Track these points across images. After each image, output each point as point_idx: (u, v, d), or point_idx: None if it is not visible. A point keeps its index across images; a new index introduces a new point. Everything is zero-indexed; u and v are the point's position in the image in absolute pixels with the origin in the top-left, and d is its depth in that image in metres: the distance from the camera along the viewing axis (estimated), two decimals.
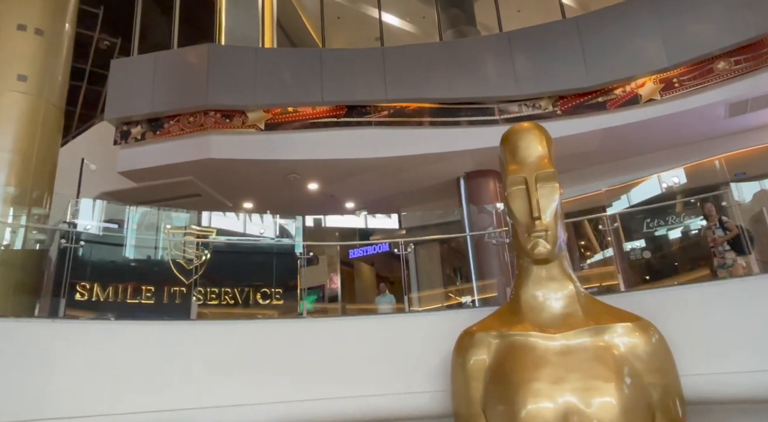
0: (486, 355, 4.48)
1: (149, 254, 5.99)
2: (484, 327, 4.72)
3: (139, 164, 9.45)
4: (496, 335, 4.53)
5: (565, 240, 4.75)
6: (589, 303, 4.59)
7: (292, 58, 9.81)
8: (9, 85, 5.97)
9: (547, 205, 4.66)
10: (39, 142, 6.04)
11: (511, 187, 4.95)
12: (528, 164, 4.99)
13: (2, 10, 6.16)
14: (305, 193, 10.89)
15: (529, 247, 4.59)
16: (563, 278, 4.61)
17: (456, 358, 4.61)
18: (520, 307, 4.65)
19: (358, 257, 13.03)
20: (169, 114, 9.41)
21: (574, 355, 4.19)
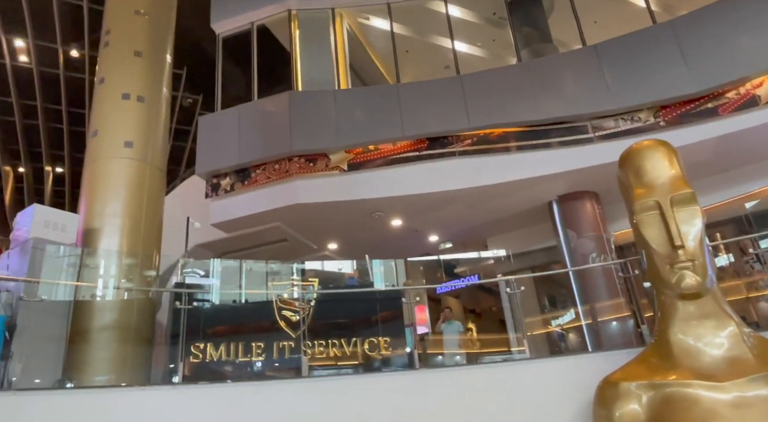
0: (637, 408, 3.91)
1: (256, 310, 5.92)
2: (629, 375, 4.14)
3: (230, 215, 9.68)
4: (647, 386, 3.96)
5: (715, 270, 4.15)
6: (759, 344, 3.93)
7: (369, 96, 9.80)
8: (117, 152, 6.24)
9: (689, 230, 4.10)
10: (146, 205, 6.23)
11: (641, 212, 4.43)
12: (659, 186, 4.46)
13: (109, 82, 6.52)
14: (389, 230, 10.69)
15: (674, 281, 4.03)
16: (721, 315, 3.99)
17: (599, 411, 4.06)
18: (671, 351, 4.05)
19: (445, 292, 12.59)
20: (256, 163, 9.62)
21: (752, 409, 3.56)
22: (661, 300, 4.23)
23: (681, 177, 4.46)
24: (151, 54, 6.83)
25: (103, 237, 5.88)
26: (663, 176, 4.49)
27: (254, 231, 10.16)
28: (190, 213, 10.03)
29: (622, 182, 4.99)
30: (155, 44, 6.95)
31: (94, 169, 6.27)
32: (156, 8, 7.08)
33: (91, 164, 6.30)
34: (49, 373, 4.96)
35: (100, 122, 6.41)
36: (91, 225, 5.90)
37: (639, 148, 4.83)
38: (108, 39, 6.79)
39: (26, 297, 4.53)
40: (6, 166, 16.18)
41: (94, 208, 6.03)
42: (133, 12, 6.87)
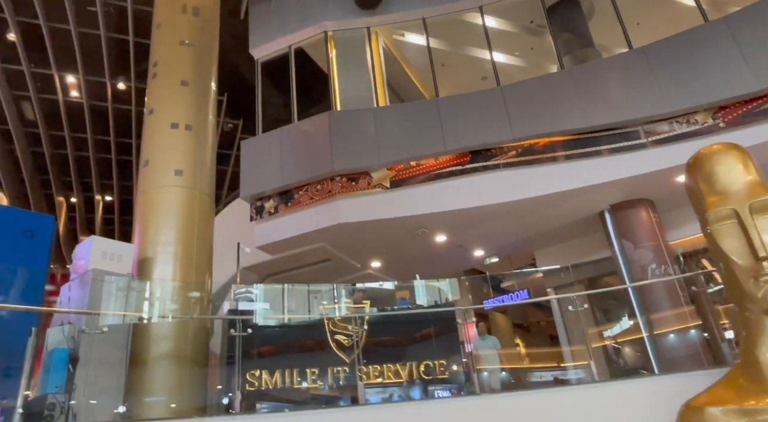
0: None
1: (309, 334, 5.83)
2: (716, 399, 3.82)
3: (274, 237, 9.71)
4: (737, 411, 3.63)
5: None
6: None
7: (409, 112, 9.72)
8: (168, 180, 6.35)
9: None
10: (197, 232, 6.29)
11: (717, 222, 4.12)
12: (734, 193, 4.16)
13: (158, 112, 6.67)
14: (433, 246, 10.50)
15: (760, 295, 3.73)
16: None
17: None
18: (762, 372, 3.71)
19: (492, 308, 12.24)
20: (298, 184, 9.65)
21: None
22: (746, 317, 3.91)
23: (759, 182, 4.15)
24: (196, 83, 6.97)
25: (157, 266, 5.95)
26: (738, 182, 4.19)
27: (298, 252, 10.16)
28: (236, 237, 10.11)
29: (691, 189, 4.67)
30: (200, 73, 7.09)
31: (146, 198, 6.39)
32: (200, 38, 7.23)
33: (144, 193, 6.42)
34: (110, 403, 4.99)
35: (151, 152, 6.55)
36: (146, 255, 5.99)
37: (709, 153, 4.52)
38: (155, 71, 6.97)
39: (88, 330, 4.57)
40: (60, 197, 16.89)
41: (147, 236, 6.12)
42: (179, 43, 7.04)
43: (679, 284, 8.32)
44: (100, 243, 5.43)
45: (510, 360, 13.28)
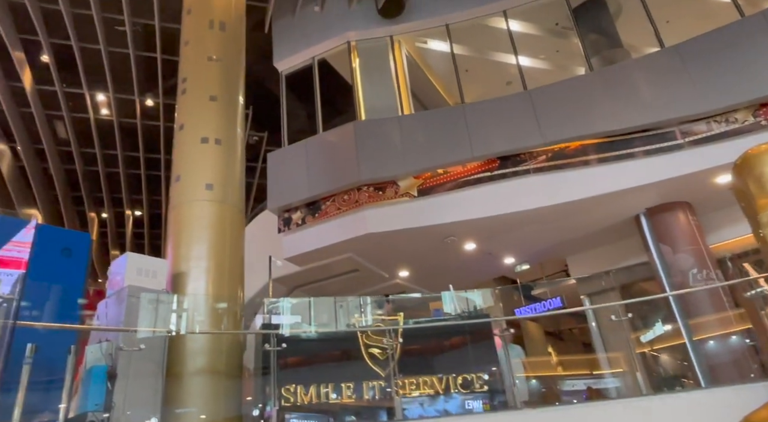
0: None
1: (343, 348, 5.74)
2: None
3: (302, 248, 9.70)
4: None
5: None
6: None
7: (435, 119, 9.63)
8: (199, 195, 6.37)
9: None
10: (229, 246, 6.29)
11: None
12: None
13: (188, 128, 6.73)
14: (462, 254, 10.34)
15: None
16: None
17: None
18: None
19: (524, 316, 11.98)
20: (325, 195, 9.63)
21: None
22: None
23: None
24: (225, 97, 7.01)
25: (190, 281, 5.96)
26: None
27: (326, 263, 10.12)
28: (263, 249, 10.13)
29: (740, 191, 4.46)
30: (228, 88, 7.13)
31: (178, 213, 6.43)
32: (227, 53, 7.29)
33: (175, 208, 6.46)
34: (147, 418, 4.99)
35: (182, 167, 6.60)
36: (179, 270, 6.00)
37: (758, 153, 4.31)
38: (185, 87, 7.04)
39: (125, 347, 4.58)
40: (91, 213, 17.29)
41: (180, 252, 6.14)
42: (207, 59, 7.11)
43: (722, 288, 7.99)
44: (135, 259, 5.47)
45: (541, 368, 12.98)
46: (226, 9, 7.49)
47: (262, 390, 5.33)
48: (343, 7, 10.84)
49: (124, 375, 4.70)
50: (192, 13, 7.45)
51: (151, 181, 15.92)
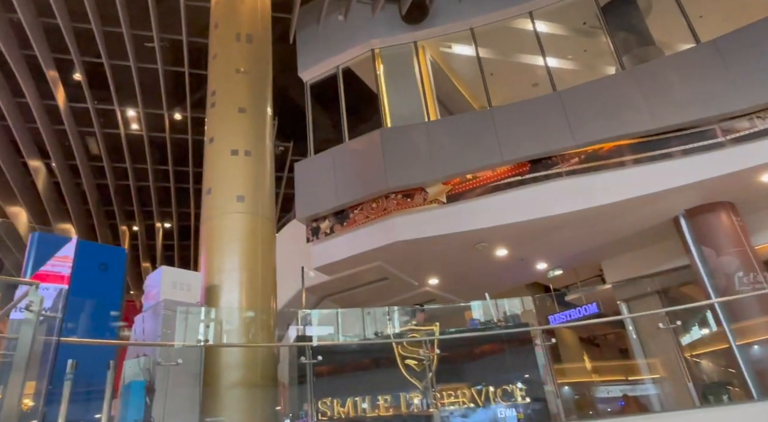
0: None
1: (378, 360, 5.64)
2: None
3: (331, 257, 9.65)
4: None
5: None
6: None
7: (462, 124, 9.50)
8: (231, 207, 6.38)
9: None
10: (261, 257, 6.27)
11: None
12: None
13: (218, 140, 6.76)
14: (493, 261, 10.14)
15: None
16: None
17: None
18: None
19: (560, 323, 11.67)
20: (353, 204, 9.58)
21: None
22: None
23: None
24: (253, 109, 7.04)
25: (223, 294, 5.95)
26: None
27: (355, 272, 10.06)
28: (292, 259, 10.13)
29: None
30: (256, 99, 7.16)
31: (210, 225, 6.45)
32: (254, 65, 7.33)
33: (208, 221, 6.48)
34: None
35: (213, 179, 6.63)
36: (212, 282, 6.00)
37: None
38: (214, 100, 7.09)
39: (163, 362, 4.57)
40: (123, 226, 17.62)
41: (213, 264, 6.15)
42: (235, 71, 7.15)
43: None
44: (170, 273, 5.49)
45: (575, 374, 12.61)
46: (253, 22, 7.54)
47: (298, 403, 5.26)
48: (366, 15, 10.83)
49: (162, 389, 4.69)
50: (219, 26, 7.53)
51: (180, 193, 16.15)
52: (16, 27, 9.77)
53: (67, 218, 16.59)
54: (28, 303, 2.93)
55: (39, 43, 9.90)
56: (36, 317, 3.01)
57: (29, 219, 15.91)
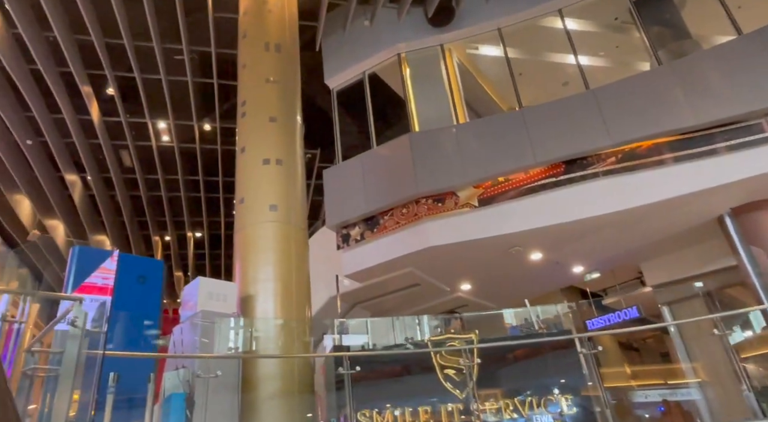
0: None
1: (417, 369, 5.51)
2: None
3: (362, 264, 9.57)
4: None
5: None
6: None
7: (493, 126, 9.33)
8: (264, 216, 6.37)
9: None
10: (295, 267, 6.23)
11: None
12: None
13: (249, 150, 6.77)
14: (527, 265, 9.90)
15: None
16: None
17: None
18: None
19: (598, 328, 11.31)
20: (383, 210, 9.49)
21: None
22: None
23: None
24: (284, 118, 7.03)
25: (258, 304, 5.92)
26: None
27: (386, 278, 9.96)
28: (322, 267, 10.10)
29: None
30: (287, 108, 7.16)
31: (243, 235, 6.45)
32: (283, 74, 7.34)
33: (241, 231, 6.48)
34: None
35: (246, 189, 6.63)
36: (247, 292, 5.99)
37: None
38: (244, 110, 7.12)
39: (202, 374, 4.54)
40: (155, 237, 17.97)
41: (247, 274, 6.13)
42: (265, 81, 7.17)
43: None
44: (206, 284, 5.49)
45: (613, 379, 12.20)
46: (281, 31, 7.56)
47: (336, 413, 5.18)
48: (392, 20, 10.78)
49: (202, 401, 4.66)
50: (248, 37, 7.57)
51: (211, 203, 16.37)
52: (52, 45, 10.07)
53: (102, 230, 16.99)
54: (73, 319, 2.92)
55: (74, 60, 10.17)
56: (81, 333, 3.00)
57: (66, 232, 16.36)
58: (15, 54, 9.92)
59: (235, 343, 5.17)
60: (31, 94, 10.76)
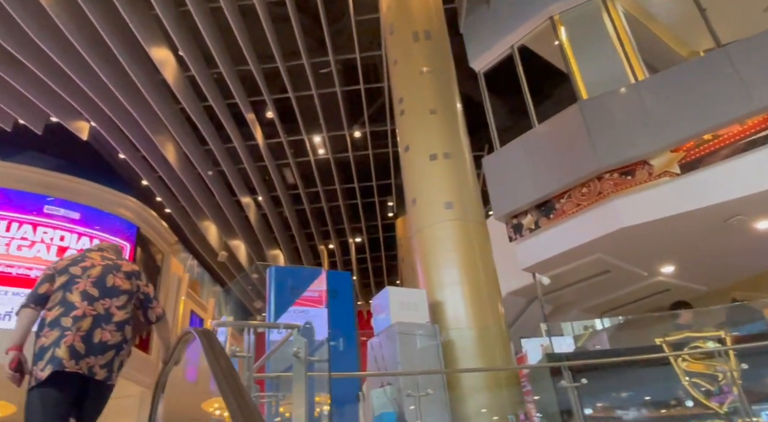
0: None
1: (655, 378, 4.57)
2: None
3: (540, 256, 8.67)
4: None
5: None
6: None
7: (686, 74, 7.76)
8: (440, 216, 5.96)
9: None
10: (481, 265, 5.71)
11: None
12: None
13: (414, 147, 6.43)
14: (752, 236, 8.05)
15: None
16: None
17: None
18: None
19: None
20: (557, 193, 8.50)
21: None
22: None
23: None
24: (444, 108, 6.57)
25: (448, 310, 5.50)
26: None
27: (569, 268, 8.93)
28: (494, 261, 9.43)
29: None
30: (445, 97, 6.68)
31: (421, 237, 6.10)
32: (436, 62, 6.88)
33: (418, 233, 6.14)
34: None
35: (417, 189, 6.28)
36: (435, 299, 5.61)
37: None
38: (402, 107, 6.80)
39: (410, 392, 4.21)
40: (321, 246, 19.00)
41: (432, 279, 5.76)
42: (418, 73, 6.77)
43: None
44: (396, 293, 5.22)
45: None
46: (428, 17, 7.11)
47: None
48: None
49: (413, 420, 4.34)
50: (395, 31, 7.25)
51: (367, 208, 16.74)
52: (218, 80, 10.99)
53: (275, 245, 18.45)
54: (296, 351, 2.72)
55: (238, 91, 10.98)
56: (304, 365, 2.79)
57: (247, 250, 18.07)
58: (191, 95, 11.03)
59: (438, 355, 4.79)
60: (207, 129, 11.90)
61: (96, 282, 2.76)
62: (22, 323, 2.62)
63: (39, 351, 2.55)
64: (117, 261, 2.95)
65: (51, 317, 2.63)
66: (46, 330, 2.60)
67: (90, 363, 2.55)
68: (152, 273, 15.10)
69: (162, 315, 3.07)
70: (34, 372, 2.51)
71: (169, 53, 9.97)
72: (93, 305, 2.68)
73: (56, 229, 12.28)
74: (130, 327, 2.82)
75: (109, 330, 2.68)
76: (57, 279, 2.74)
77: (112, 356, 2.66)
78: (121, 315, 2.76)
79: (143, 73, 9.90)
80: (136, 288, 2.94)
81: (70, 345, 2.52)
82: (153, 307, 3.01)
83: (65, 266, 2.80)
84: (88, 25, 8.50)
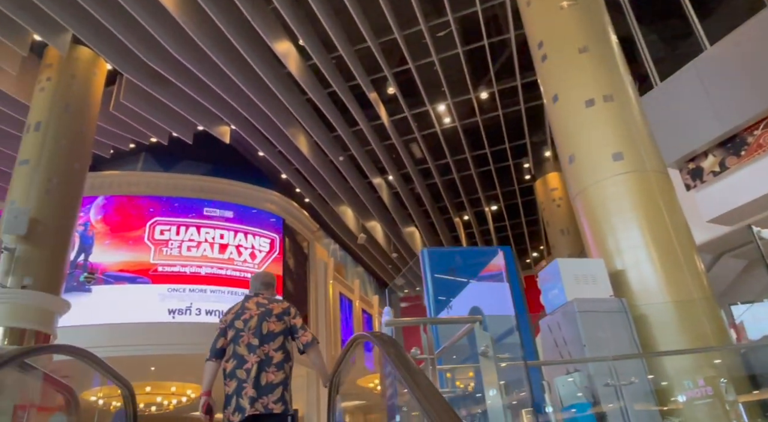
0: None
1: None
2: None
3: (731, 203, 7.20)
4: None
5: None
6: None
7: None
8: (607, 170, 5.06)
9: None
10: (670, 222, 4.73)
11: None
12: None
13: (564, 96, 5.55)
14: None
15: None
16: None
17: None
18: None
19: None
20: (749, 124, 6.93)
21: None
22: None
23: None
24: (596, 44, 5.56)
25: (632, 280, 4.66)
26: None
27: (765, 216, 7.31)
28: None
29: None
30: (596, 30, 5.66)
31: (585, 199, 5.26)
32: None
33: (581, 195, 5.32)
34: None
35: (573, 144, 5.43)
36: (614, 268, 4.78)
37: None
38: (543, 52, 5.91)
39: (609, 382, 3.55)
40: (456, 218, 18.48)
41: (606, 246, 4.94)
42: (558, 9, 5.81)
43: None
44: (567, 265, 4.53)
45: None
46: None
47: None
48: None
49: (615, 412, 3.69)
50: None
51: (501, 173, 15.78)
52: (338, 64, 10.89)
53: (410, 222, 18.36)
54: (484, 350, 2.26)
55: (358, 71, 10.78)
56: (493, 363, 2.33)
57: (383, 230, 18.25)
58: (314, 83, 11.10)
59: (633, 335, 4.04)
60: (333, 115, 11.96)
61: (255, 332, 3.19)
62: (207, 374, 3.17)
63: (226, 398, 3.09)
64: (269, 306, 3.32)
65: (229, 369, 3.14)
66: (227, 381, 3.12)
67: (264, 403, 3.01)
68: (301, 261, 15.97)
69: (310, 342, 3.31)
70: (226, 414, 3.06)
71: (290, 45, 10.06)
72: (256, 353, 3.12)
73: (216, 229, 13.52)
74: (289, 365, 3.21)
75: (272, 372, 3.11)
76: (228, 333, 3.22)
77: (281, 392, 3.08)
78: (278, 357, 3.17)
79: (269, 68, 10.13)
80: (287, 325, 3.30)
81: (249, 396, 3.00)
82: (300, 337, 3.31)
83: (231, 321, 3.26)
84: (214, 30, 8.85)
